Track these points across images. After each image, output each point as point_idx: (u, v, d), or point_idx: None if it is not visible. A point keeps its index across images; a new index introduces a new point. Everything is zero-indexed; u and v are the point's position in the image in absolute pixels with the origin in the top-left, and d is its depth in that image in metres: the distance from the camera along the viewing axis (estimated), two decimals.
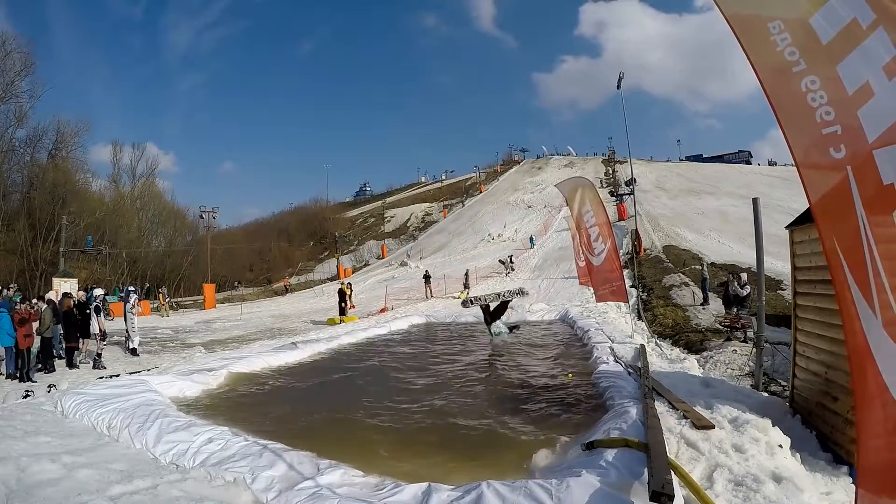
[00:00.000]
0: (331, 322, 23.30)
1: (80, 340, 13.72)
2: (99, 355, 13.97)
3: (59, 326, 13.43)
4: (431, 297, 32.92)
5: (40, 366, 12.59)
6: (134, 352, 15.64)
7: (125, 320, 16.05)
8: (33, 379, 11.71)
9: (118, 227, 56.42)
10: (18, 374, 11.73)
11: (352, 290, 29.25)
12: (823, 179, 2.57)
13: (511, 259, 44.15)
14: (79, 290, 20.93)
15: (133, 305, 16.44)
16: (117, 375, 10.84)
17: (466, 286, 33.83)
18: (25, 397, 9.41)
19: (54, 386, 10.35)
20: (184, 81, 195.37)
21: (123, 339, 16.09)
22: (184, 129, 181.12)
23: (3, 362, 12.06)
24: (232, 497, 4.72)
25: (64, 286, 27.36)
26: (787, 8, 2.72)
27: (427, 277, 34.90)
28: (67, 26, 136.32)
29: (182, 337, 20.71)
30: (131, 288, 20.45)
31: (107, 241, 50.34)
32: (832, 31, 2.58)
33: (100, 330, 14.22)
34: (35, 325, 12.44)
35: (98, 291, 17.15)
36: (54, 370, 12.67)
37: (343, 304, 25.75)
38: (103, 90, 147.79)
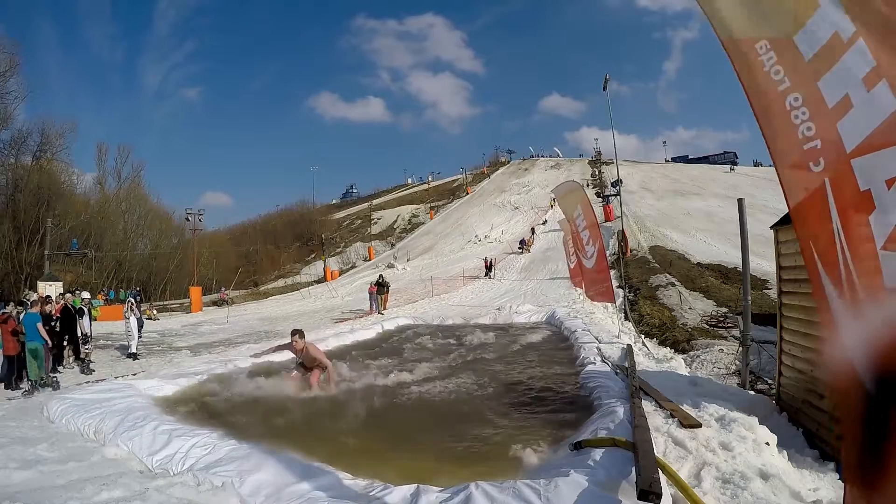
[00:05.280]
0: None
1: (65, 346, 13.59)
2: (82, 359, 13.87)
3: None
4: (385, 310, 26.69)
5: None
6: (133, 356, 15.56)
7: (124, 325, 16.07)
8: (21, 386, 11.60)
9: (104, 230, 56.01)
10: (5, 382, 11.60)
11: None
12: (802, 191, 2.68)
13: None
14: (66, 292, 20.62)
15: (128, 309, 16.35)
16: (103, 380, 10.75)
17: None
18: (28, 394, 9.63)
19: (55, 384, 10.42)
20: (167, 82, 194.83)
21: (126, 343, 16.06)
22: (168, 131, 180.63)
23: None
24: (220, 502, 4.69)
25: (49, 290, 27.13)
26: (772, 28, 2.79)
27: (381, 285, 27.67)
28: (45, 26, 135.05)
29: (169, 340, 20.58)
30: (132, 292, 20.34)
31: (92, 244, 49.99)
32: (815, 46, 2.64)
33: (81, 333, 14.10)
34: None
35: (85, 295, 16.99)
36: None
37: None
38: (85, 91, 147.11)
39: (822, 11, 2.60)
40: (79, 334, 13.95)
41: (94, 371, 13.42)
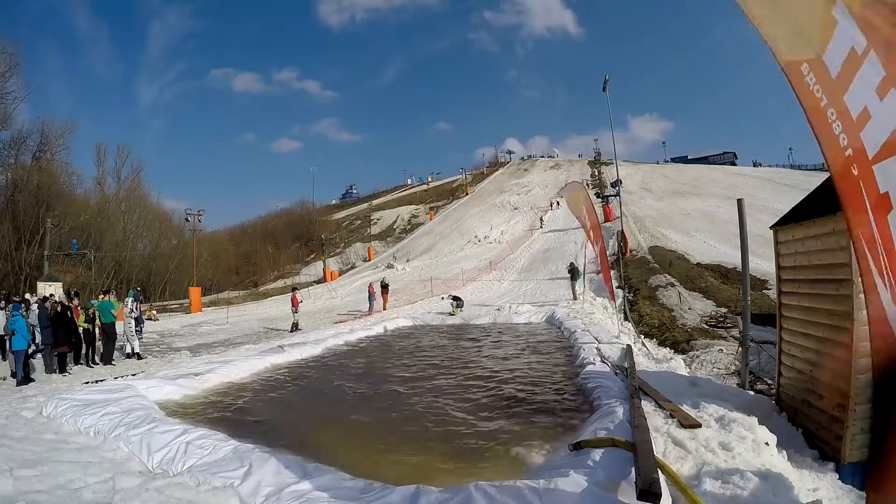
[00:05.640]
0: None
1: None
2: (87, 358, 14.02)
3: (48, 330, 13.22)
4: (385, 309, 27.98)
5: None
6: (137, 356, 15.60)
7: (125, 325, 16.06)
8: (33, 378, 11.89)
9: (103, 231, 55.97)
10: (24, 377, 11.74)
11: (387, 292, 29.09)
12: (850, 193, 2.86)
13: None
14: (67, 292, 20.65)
15: (131, 310, 16.38)
16: (103, 380, 10.76)
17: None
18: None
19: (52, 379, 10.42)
20: (168, 81, 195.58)
21: (122, 344, 16.04)
22: (168, 130, 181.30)
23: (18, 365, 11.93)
24: (220, 502, 4.69)
25: (48, 290, 27.12)
26: (807, 49, 2.90)
27: (383, 286, 29.42)
28: (45, 25, 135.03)
29: (168, 341, 20.59)
30: (133, 293, 20.35)
31: (92, 245, 49.93)
32: (838, 63, 2.74)
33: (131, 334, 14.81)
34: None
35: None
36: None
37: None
38: (85, 91, 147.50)
39: (839, 29, 2.69)
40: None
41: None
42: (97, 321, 14.60)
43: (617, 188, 37.42)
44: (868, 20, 2.55)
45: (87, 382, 10.72)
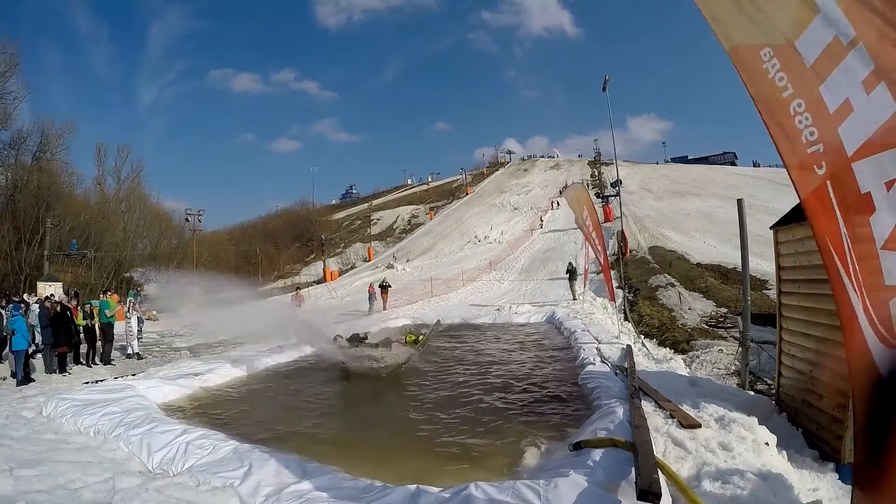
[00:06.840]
0: None
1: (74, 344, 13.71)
2: (87, 358, 14.02)
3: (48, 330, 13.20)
4: (385, 309, 27.66)
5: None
6: (137, 356, 15.60)
7: (125, 325, 16.06)
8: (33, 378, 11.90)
9: (103, 231, 55.83)
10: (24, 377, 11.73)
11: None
12: (810, 192, 2.76)
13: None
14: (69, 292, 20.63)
15: (129, 309, 16.38)
16: (103, 380, 10.75)
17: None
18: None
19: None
20: (167, 83, 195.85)
21: (123, 344, 16.04)
22: (168, 130, 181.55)
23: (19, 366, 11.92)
24: (220, 502, 4.69)
25: (48, 290, 27.12)
26: (774, 34, 2.79)
27: (384, 287, 29.34)
28: (42, 25, 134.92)
29: (168, 341, 20.56)
30: (134, 293, 20.36)
31: (92, 245, 49.84)
32: (816, 51, 2.65)
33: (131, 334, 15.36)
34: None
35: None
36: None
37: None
38: (85, 90, 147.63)
39: (822, 15, 2.61)
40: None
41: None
42: (96, 318, 14.59)
43: (617, 188, 37.35)
44: (858, 9, 2.51)
45: (87, 382, 10.71)
